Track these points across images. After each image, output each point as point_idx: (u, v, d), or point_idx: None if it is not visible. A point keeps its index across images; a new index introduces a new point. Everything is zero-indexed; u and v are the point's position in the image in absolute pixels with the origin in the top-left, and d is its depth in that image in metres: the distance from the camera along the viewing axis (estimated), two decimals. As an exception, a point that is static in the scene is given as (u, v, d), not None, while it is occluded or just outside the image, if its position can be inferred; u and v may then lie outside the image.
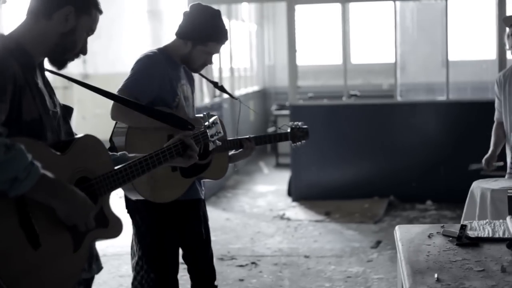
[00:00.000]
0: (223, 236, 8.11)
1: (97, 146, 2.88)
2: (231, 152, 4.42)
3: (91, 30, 2.86)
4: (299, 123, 4.74)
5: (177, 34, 4.18)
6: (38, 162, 2.46)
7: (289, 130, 4.66)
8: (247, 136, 4.44)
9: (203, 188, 4.39)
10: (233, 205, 9.85)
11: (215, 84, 4.58)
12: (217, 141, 3.41)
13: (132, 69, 4.04)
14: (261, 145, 4.55)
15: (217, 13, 4.17)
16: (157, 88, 3.99)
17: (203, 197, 4.36)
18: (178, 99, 4.10)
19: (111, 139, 3.98)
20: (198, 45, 4.11)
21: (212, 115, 3.45)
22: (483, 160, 5.90)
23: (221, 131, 3.40)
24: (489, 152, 5.95)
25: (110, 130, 4.06)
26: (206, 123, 3.37)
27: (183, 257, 4.37)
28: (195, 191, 4.25)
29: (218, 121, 3.41)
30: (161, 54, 4.13)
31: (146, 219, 4.15)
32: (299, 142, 4.72)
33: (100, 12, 2.87)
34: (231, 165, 4.54)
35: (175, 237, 4.21)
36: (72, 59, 2.86)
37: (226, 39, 4.21)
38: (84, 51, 2.88)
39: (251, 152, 4.43)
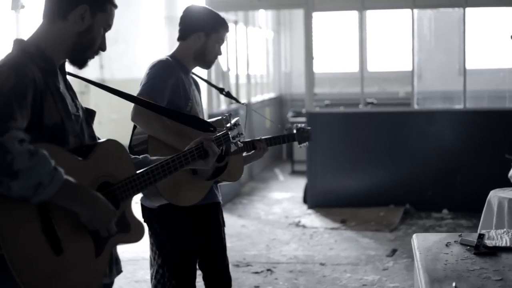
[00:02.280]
0: (239, 243, 8.10)
1: (119, 150, 2.88)
2: (244, 154, 4.42)
3: (108, 26, 2.85)
4: (303, 125, 4.86)
5: (184, 33, 4.22)
6: (61, 168, 2.46)
7: (295, 131, 4.73)
8: (259, 138, 4.46)
9: (219, 192, 4.39)
10: (248, 211, 9.85)
11: (221, 91, 4.62)
12: (239, 143, 3.41)
13: (148, 74, 4.04)
14: (272, 145, 4.57)
15: None
16: (170, 92, 4.00)
17: (221, 201, 4.37)
18: (191, 104, 4.12)
19: (130, 147, 3.98)
20: (212, 34, 4.18)
21: (234, 117, 3.45)
22: (510, 175, 5.86)
23: (243, 132, 3.41)
24: None
25: (127, 136, 4.06)
26: (228, 125, 3.37)
27: (199, 264, 4.35)
28: (213, 195, 4.25)
29: (240, 123, 3.41)
30: (174, 61, 4.16)
31: (165, 226, 4.13)
32: (304, 143, 4.77)
33: (115, 6, 2.86)
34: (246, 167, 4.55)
35: (194, 243, 4.20)
36: (92, 57, 2.85)
37: (228, 29, 4.35)
38: (103, 48, 2.86)
39: (264, 153, 4.45)
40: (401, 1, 9.65)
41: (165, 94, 3.95)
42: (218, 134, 3.34)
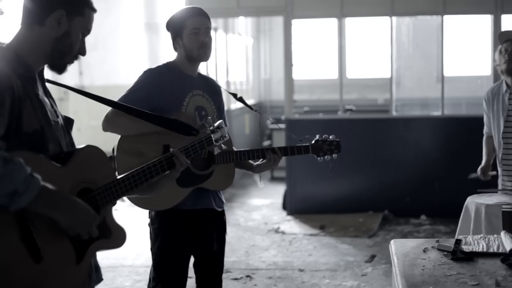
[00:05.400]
0: (218, 249, 8.09)
1: (99, 156, 2.86)
2: (256, 163, 4.39)
3: (86, 30, 2.82)
4: (329, 136, 4.53)
5: (172, 44, 4.35)
6: (38, 175, 2.44)
7: (313, 142, 4.47)
8: (273, 147, 4.35)
9: (222, 199, 4.42)
10: (228, 218, 9.66)
11: (235, 96, 4.63)
12: (223, 145, 3.42)
13: (133, 83, 4.21)
14: (288, 156, 4.39)
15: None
16: (155, 98, 4.10)
17: (218, 208, 4.38)
18: (185, 108, 4.19)
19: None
20: (183, 31, 4.24)
21: (217, 120, 3.46)
22: (479, 170, 5.93)
23: (227, 135, 3.41)
24: (483, 162, 6.00)
25: (106, 142, 4.09)
26: (211, 128, 3.38)
27: (193, 266, 4.40)
28: (207, 201, 4.27)
29: (223, 126, 3.41)
30: (166, 67, 4.29)
31: (155, 228, 4.24)
32: (327, 156, 4.49)
33: (94, 10, 2.83)
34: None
35: (184, 248, 4.25)
36: (72, 62, 2.83)
37: (201, 12, 4.31)
38: (82, 52, 2.84)
39: (276, 164, 4.32)
40: (380, 9, 9.70)
41: (142, 101, 4.02)
42: (201, 137, 3.35)
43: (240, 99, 4.61)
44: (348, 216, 9.40)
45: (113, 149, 4.08)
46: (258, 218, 9.83)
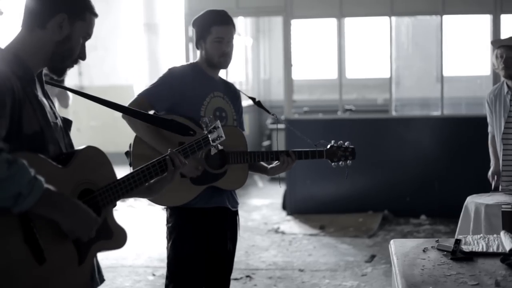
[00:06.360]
0: (218, 249, 8.09)
1: (100, 157, 2.86)
2: (270, 166, 4.43)
3: (87, 34, 2.83)
4: (344, 142, 4.49)
5: (195, 45, 4.42)
6: (40, 176, 2.44)
7: (327, 147, 4.42)
8: (287, 150, 4.37)
9: (236, 200, 4.45)
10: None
11: (253, 100, 4.67)
12: (219, 145, 3.44)
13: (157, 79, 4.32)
14: (302, 159, 4.39)
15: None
16: (177, 95, 4.20)
17: (232, 208, 4.39)
18: (205, 108, 4.25)
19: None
20: (207, 38, 4.30)
21: (214, 120, 3.48)
22: (489, 175, 5.93)
23: (223, 135, 3.42)
24: (493, 165, 5.99)
25: (106, 142, 4.11)
26: (208, 128, 3.40)
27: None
28: (221, 200, 4.30)
29: (220, 126, 3.43)
30: (189, 66, 4.38)
31: (169, 226, 4.29)
32: (341, 162, 4.43)
33: (95, 15, 2.84)
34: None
35: (195, 245, 4.25)
36: (72, 66, 2.84)
37: (228, 21, 4.38)
38: (82, 57, 2.85)
39: (290, 166, 4.35)
40: (379, 9, 9.71)
41: (161, 98, 4.18)
42: (198, 137, 3.36)
43: (258, 103, 4.67)
44: (348, 216, 9.41)
45: (130, 144, 4.13)
46: (258, 218, 9.83)
